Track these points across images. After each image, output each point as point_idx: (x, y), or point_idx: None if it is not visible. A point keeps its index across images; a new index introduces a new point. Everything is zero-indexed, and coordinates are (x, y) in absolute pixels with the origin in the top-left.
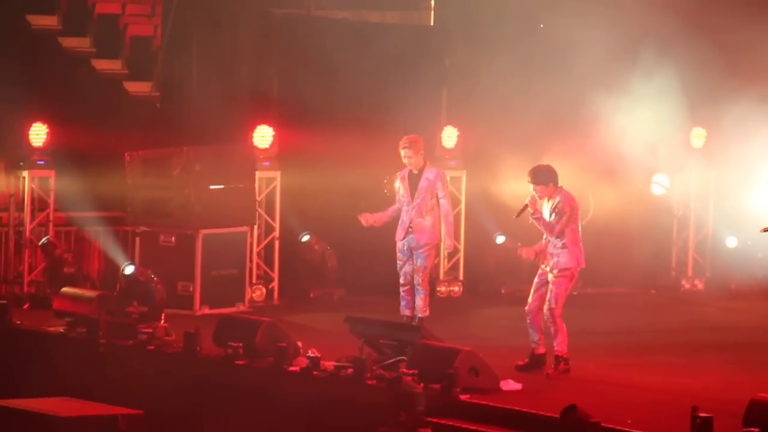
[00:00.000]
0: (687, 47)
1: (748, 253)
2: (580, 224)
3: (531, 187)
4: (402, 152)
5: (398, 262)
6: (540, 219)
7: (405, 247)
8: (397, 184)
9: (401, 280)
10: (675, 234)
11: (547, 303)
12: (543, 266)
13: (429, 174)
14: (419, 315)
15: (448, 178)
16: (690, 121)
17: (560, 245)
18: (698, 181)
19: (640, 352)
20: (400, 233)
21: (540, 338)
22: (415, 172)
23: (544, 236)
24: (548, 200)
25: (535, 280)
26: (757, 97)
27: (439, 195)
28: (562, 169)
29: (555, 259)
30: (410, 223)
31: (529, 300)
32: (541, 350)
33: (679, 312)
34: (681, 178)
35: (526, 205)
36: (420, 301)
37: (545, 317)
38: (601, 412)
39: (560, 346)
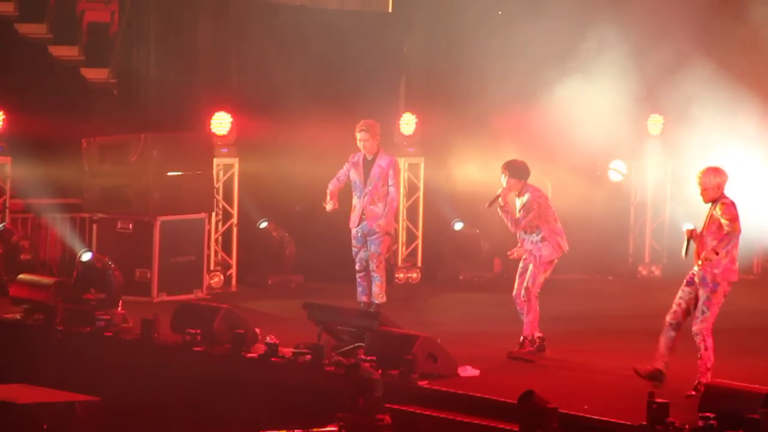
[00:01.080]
0: (645, 35)
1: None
2: (553, 212)
3: (504, 179)
4: (358, 135)
5: (353, 248)
6: (507, 212)
7: (359, 234)
8: (346, 167)
9: (357, 267)
10: (632, 220)
11: (525, 282)
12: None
13: (382, 161)
14: (376, 301)
15: (405, 165)
16: (647, 107)
17: (538, 239)
18: (655, 168)
19: (597, 338)
20: (354, 220)
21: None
22: (369, 158)
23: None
24: (518, 196)
25: (520, 265)
26: (714, 84)
27: (390, 182)
28: (519, 154)
29: (538, 254)
30: (363, 210)
31: (515, 286)
32: (539, 334)
33: (636, 298)
34: (638, 165)
35: (498, 196)
36: (376, 287)
37: (521, 296)
38: (558, 398)
39: (529, 327)
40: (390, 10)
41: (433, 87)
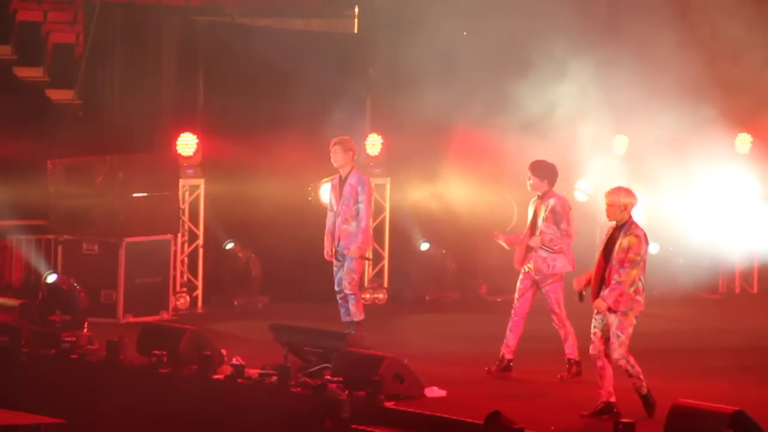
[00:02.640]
0: (607, 54)
1: (669, 259)
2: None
3: (528, 182)
4: (331, 150)
5: (334, 267)
6: (508, 238)
7: (337, 253)
8: (330, 192)
9: (335, 288)
10: (597, 240)
11: (551, 311)
12: (526, 267)
13: (352, 179)
14: (354, 319)
15: (372, 185)
16: (613, 128)
17: (556, 249)
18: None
19: (563, 359)
20: (327, 242)
21: (515, 344)
22: (343, 177)
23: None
24: (539, 201)
25: (518, 284)
26: (679, 105)
27: (359, 200)
28: (484, 175)
29: (551, 263)
30: (337, 229)
31: (515, 305)
32: (511, 356)
33: None
34: (603, 185)
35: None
36: (352, 306)
37: (554, 324)
38: (524, 419)
39: (571, 349)
40: (356, 31)
41: (399, 108)
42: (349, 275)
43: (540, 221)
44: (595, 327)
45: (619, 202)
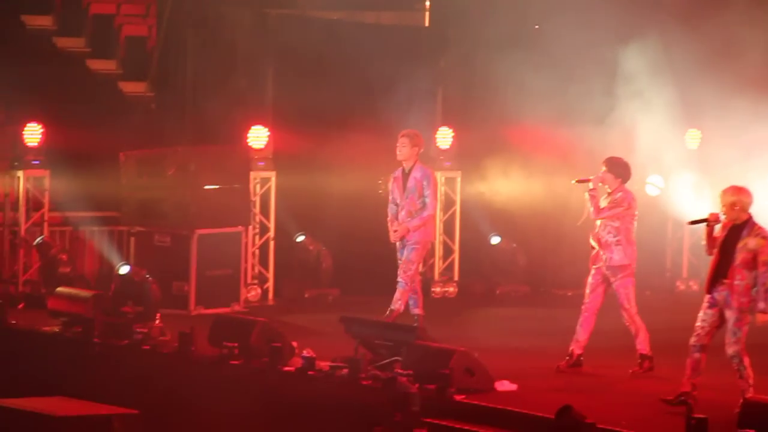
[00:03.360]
0: (682, 48)
1: None
2: (635, 224)
3: (601, 172)
4: (398, 142)
5: (398, 261)
6: (594, 197)
7: (401, 247)
8: (391, 185)
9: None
10: (670, 235)
11: (621, 307)
12: (598, 264)
13: (416, 173)
14: (392, 307)
15: (442, 179)
16: (685, 122)
17: (614, 242)
18: (693, 182)
19: (634, 354)
20: (391, 227)
21: (585, 340)
22: (406, 170)
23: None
24: (609, 194)
25: (590, 279)
26: (752, 98)
27: (425, 194)
28: (555, 169)
29: (609, 254)
30: (401, 224)
31: (586, 300)
32: (581, 351)
33: (675, 313)
34: (676, 179)
35: (589, 179)
36: (398, 293)
37: (625, 321)
38: (596, 413)
39: (642, 344)
40: (426, 24)
41: (470, 101)
42: (406, 264)
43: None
44: (702, 321)
45: (742, 202)
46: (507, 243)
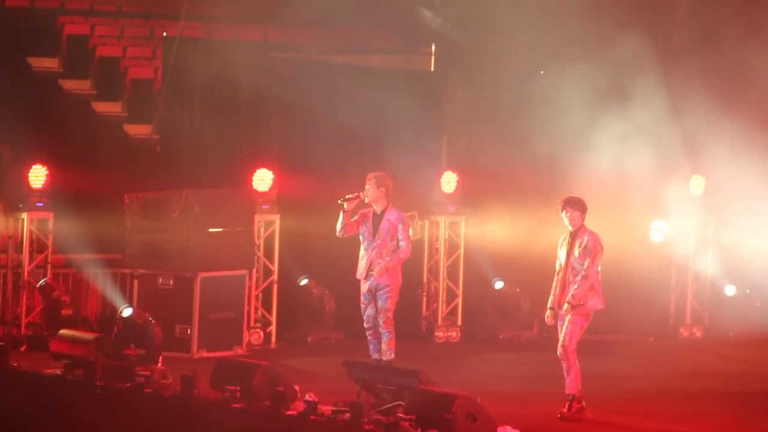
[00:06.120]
0: (685, 93)
1: (746, 301)
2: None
3: (565, 214)
4: (366, 182)
5: (361, 305)
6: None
7: (366, 290)
8: (356, 217)
9: (365, 324)
10: (674, 281)
11: (561, 340)
12: (561, 310)
13: (391, 216)
14: (384, 358)
15: (446, 223)
16: (689, 168)
17: (587, 286)
18: (697, 229)
19: (639, 399)
20: (361, 272)
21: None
22: (378, 212)
23: (555, 280)
24: (571, 239)
25: (560, 324)
26: (755, 147)
27: (399, 237)
28: (559, 212)
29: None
30: (370, 263)
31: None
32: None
33: (678, 360)
34: (680, 226)
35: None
36: (384, 344)
37: (559, 355)
38: None
39: (573, 384)
40: (432, 69)
41: (475, 145)
42: (384, 313)
43: (575, 253)
44: None
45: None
46: (510, 287)
